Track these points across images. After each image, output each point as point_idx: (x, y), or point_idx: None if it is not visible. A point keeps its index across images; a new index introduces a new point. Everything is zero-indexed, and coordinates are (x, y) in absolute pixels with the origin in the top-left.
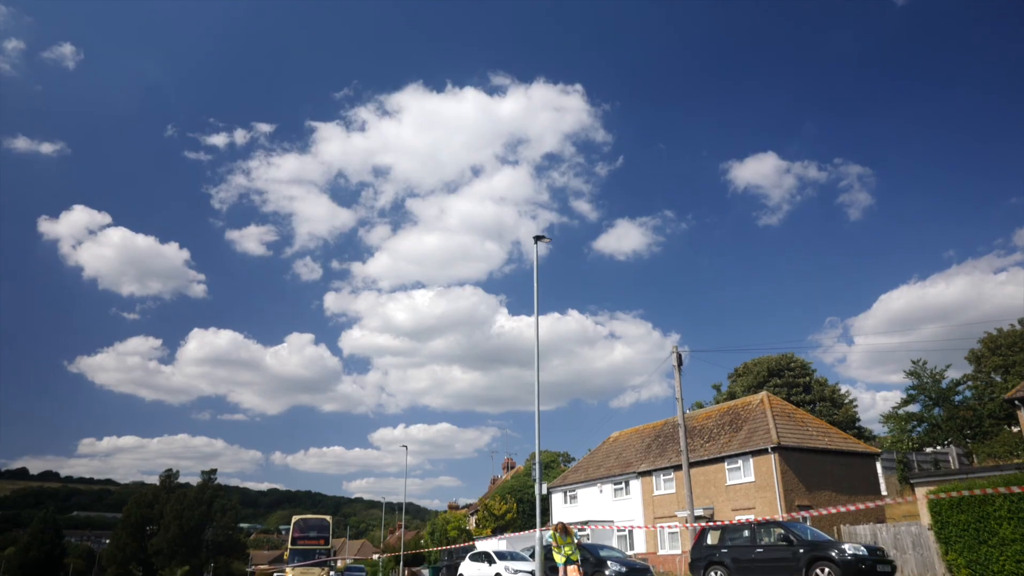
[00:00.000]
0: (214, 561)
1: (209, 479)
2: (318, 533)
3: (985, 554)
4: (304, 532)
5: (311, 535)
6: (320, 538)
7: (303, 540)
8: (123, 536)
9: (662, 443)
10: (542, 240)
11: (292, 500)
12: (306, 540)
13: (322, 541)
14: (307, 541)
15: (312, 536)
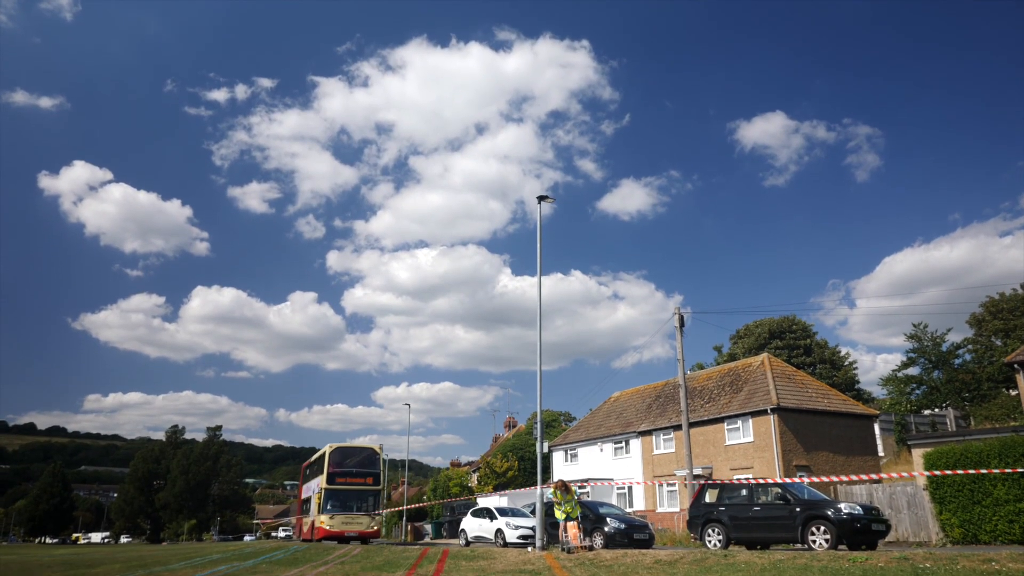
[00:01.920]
0: (220, 515)
1: (214, 435)
2: (365, 469)
3: (978, 514)
4: (344, 467)
5: (354, 471)
6: (367, 475)
7: (344, 479)
8: (131, 490)
9: (662, 403)
10: (546, 200)
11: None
12: (348, 479)
13: (370, 480)
14: (350, 480)
15: (356, 473)
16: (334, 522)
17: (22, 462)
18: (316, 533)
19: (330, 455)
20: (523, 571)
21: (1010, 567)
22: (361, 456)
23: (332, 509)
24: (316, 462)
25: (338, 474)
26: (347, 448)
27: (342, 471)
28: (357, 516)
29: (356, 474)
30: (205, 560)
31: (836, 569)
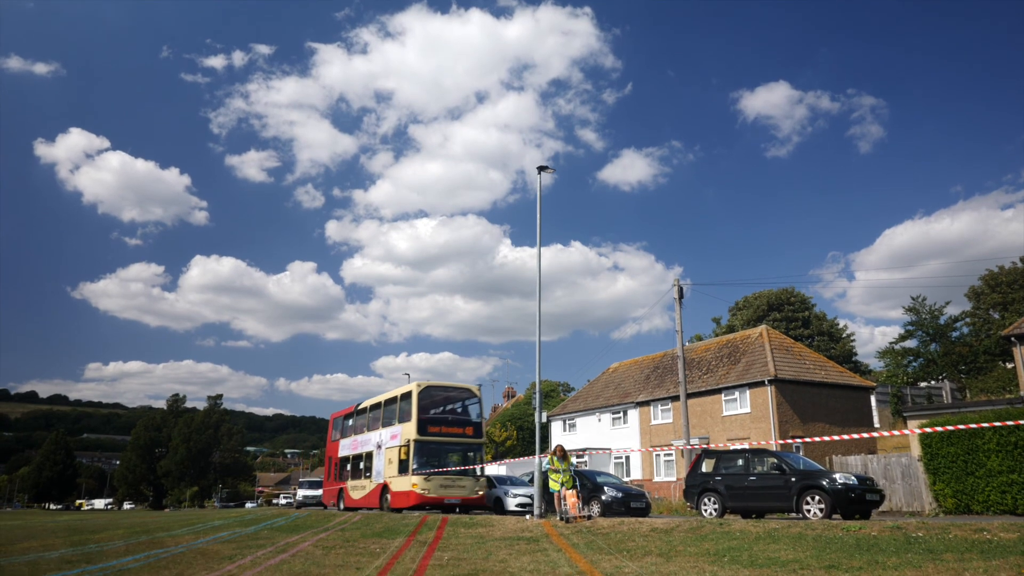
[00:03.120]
0: (222, 482)
1: (215, 404)
2: (463, 416)
3: (971, 485)
4: (437, 412)
5: (449, 418)
6: (467, 424)
7: (438, 427)
8: (133, 458)
9: (661, 374)
10: (546, 171)
11: (297, 425)
12: (444, 428)
13: (470, 431)
14: (445, 429)
15: (452, 420)
16: (430, 485)
17: (24, 430)
18: (396, 500)
19: (419, 395)
20: (521, 538)
21: (1001, 536)
22: (459, 399)
23: (425, 468)
24: (388, 406)
25: (431, 421)
26: (441, 388)
27: (436, 417)
28: (459, 478)
29: (453, 422)
30: (207, 526)
31: (830, 538)
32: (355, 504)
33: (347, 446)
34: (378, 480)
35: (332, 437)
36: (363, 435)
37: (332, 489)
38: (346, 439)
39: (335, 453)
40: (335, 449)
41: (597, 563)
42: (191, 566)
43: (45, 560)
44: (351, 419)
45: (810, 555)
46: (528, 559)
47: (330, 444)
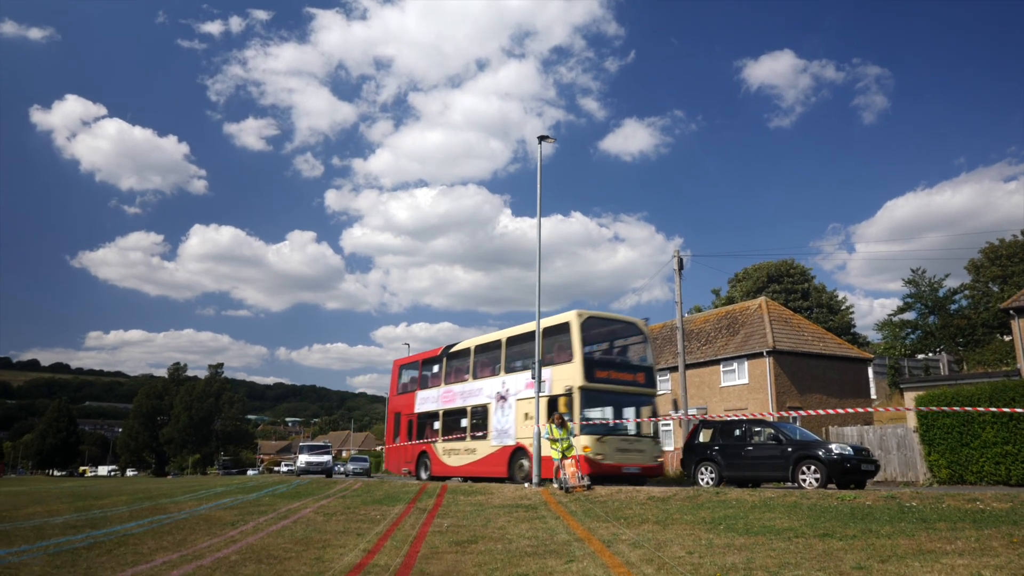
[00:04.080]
0: (224, 450)
1: (216, 373)
2: (635, 361)
3: (966, 455)
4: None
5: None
6: (639, 370)
7: (606, 372)
8: (135, 426)
9: (659, 345)
10: (546, 140)
11: (297, 394)
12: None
13: (641, 377)
14: (614, 375)
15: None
16: (606, 449)
17: (27, 397)
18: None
19: (582, 326)
20: (520, 505)
21: (994, 506)
22: (625, 335)
23: (595, 428)
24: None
25: (598, 363)
26: (604, 320)
27: (603, 359)
28: (636, 440)
29: (622, 365)
30: (210, 493)
31: (824, 507)
32: (453, 472)
33: (432, 399)
34: (504, 442)
35: (399, 388)
36: (466, 384)
37: (405, 451)
38: (429, 390)
39: (408, 408)
40: (408, 403)
41: (594, 530)
42: (194, 532)
43: (50, 525)
44: (437, 365)
45: (805, 523)
46: (526, 526)
47: (395, 398)
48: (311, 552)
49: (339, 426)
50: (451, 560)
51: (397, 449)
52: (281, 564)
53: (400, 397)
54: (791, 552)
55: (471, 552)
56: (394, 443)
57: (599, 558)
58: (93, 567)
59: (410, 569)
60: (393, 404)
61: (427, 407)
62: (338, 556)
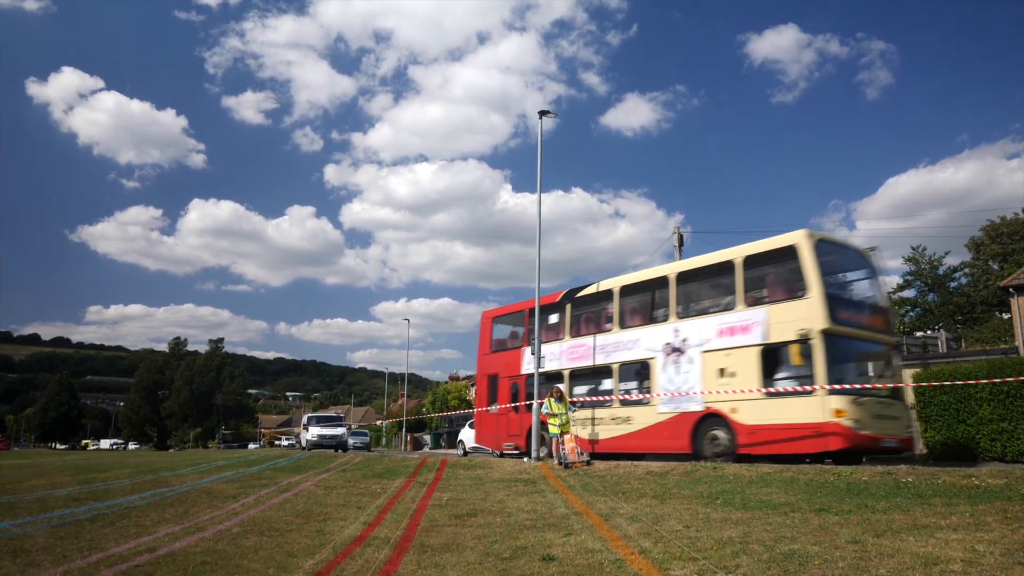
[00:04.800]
0: (225, 424)
1: (217, 347)
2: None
3: (963, 432)
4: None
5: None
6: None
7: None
8: (136, 400)
9: None
10: (547, 115)
11: (298, 369)
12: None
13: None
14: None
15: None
16: (862, 415)
17: (28, 371)
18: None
19: (816, 250)
20: (519, 479)
21: (989, 482)
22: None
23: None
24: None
25: (842, 302)
26: (839, 247)
27: (844, 298)
28: (890, 404)
29: (861, 305)
30: (211, 466)
31: (821, 482)
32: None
33: (549, 356)
34: (681, 407)
35: (493, 346)
36: (609, 336)
37: (509, 422)
38: (544, 346)
39: (508, 368)
40: (508, 363)
41: (593, 504)
42: (196, 504)
43: (53, 498)
44: (556, 314)
45: (801, 498)
46: (525, 500)
47: (487, 357)
48: (312, 525)
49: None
50: (451, 533)
51: (495, 419)
52: (283, 536)
53: (494, 356)
54: (787, 526)
55: (470, 525)
56: (488, 413)
57: (597, 531)
58: (97, 539)
59: (410, 541)
60: (484, 365)
61: (549, 365)
62: (339, 528)
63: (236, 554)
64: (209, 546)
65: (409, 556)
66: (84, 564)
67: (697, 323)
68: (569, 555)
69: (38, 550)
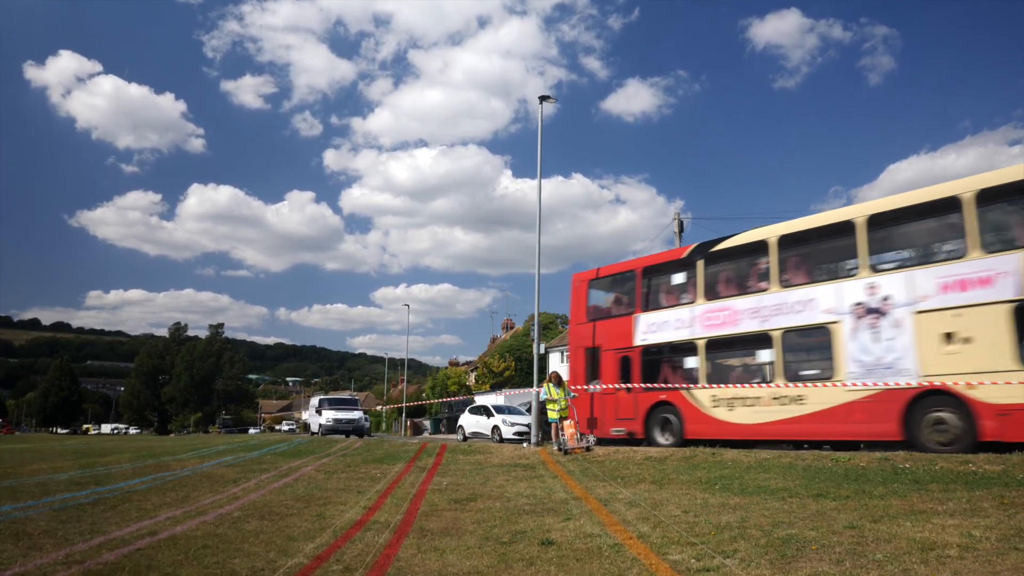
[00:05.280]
0: (225, 409)
1: (217, 332)
2: None
3: None
4: None
5: None
6: None
7: None
8: (137, 385)
9: None
10: (548, 100)
11: (298, 354)
12: None
13: None
14: None
15: None
16: None
17: (29, 356)
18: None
19: None
20: (518, 465)
21: (986, 468)
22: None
23: None
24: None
25: None
26: None
27: None
28: None
29: None
30: (212, 451)
31: (819, 468)
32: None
33: (676, 323)
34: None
35: (591, 314)
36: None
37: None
38: (666, 311)
39: (615, 340)
40: (614, 333)
41: (592, 489)
42: (197, 488)
43: (55, 482)
44: (681, 273)
45: (799, 484)
46: (525, 485)
47: (583, 327)
48: (312, 509)
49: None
50: (450, 517)
51: (598, 400)
52: (283, 520)
53: (594, 326)
54: (785, 512)
55: (470, 510)
56: (588, 392)
57: (596, 516)
58: (98, 522)
59: (410, 526)
60: (579, 336)
61: (664, 336)
62: (339, 513)
63: (237, 538)
64: (210, 530)
65: (409, 540)
66: (86, 547)
67: (904, 277)
68: (568, 539)
69: (40, 533)
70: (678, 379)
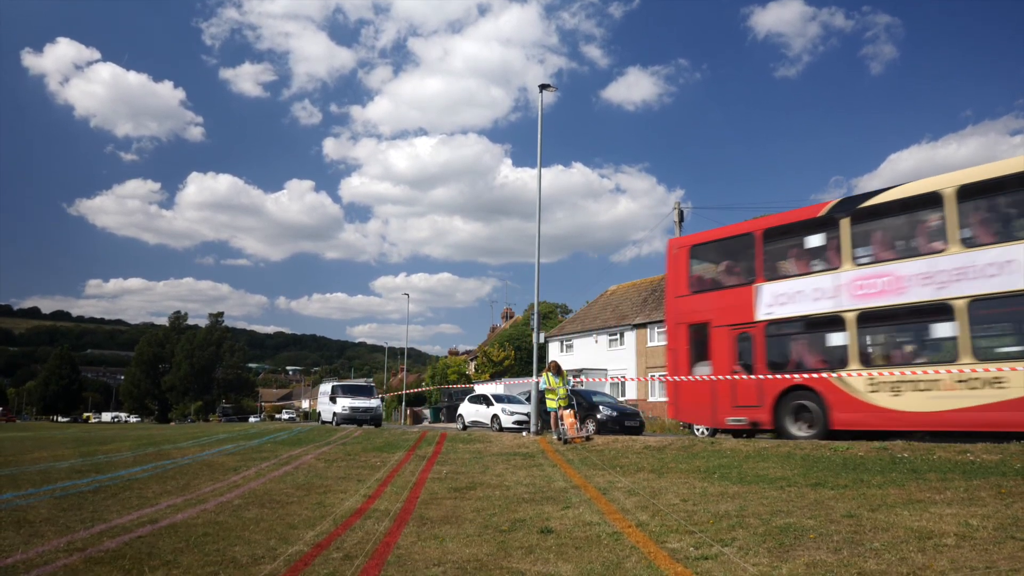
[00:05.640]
0: (225, 398)
1: (217, 321)
2: None
3: None
4: None
5: None
6: None
7: None
8: (137, 373)
9: (658, 297)
10: (548, 89)
11: (298, 343)
12: None
13: None
14: None
15: None
16: None
17: (29, 344)
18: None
19: None
20: (518, 453)
21: (984, 458)
22: None
23: None
24: None
25: None
26: None
27: None
28: None
29: None
30: (212, 439)
31: (817, 457)
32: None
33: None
34: None
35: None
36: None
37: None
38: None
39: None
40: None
41: (591, 478)
42: (197, 477)
43: (56, 470)
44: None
45: (798, 473)
46: (524, 473)
47: (685, 301)
48: (313, 497)
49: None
50: (450, 506)
51: (707, 385)
52: (284, 508)
53: (699, 299)
54: (783, 500)
55: (470, 498)
56: (694, 375)
57: (595, 505)
58: (99, 510)
59: (410, 514)
60: (679, 310)
61: (798, 308)
62: (339, 501)
63: (238, 525)
64: (211, 518)
65: (409, 528)
66: (87, 535)
67: None
68: (567, 528)
69: (41, 521)
70: (817, 358)
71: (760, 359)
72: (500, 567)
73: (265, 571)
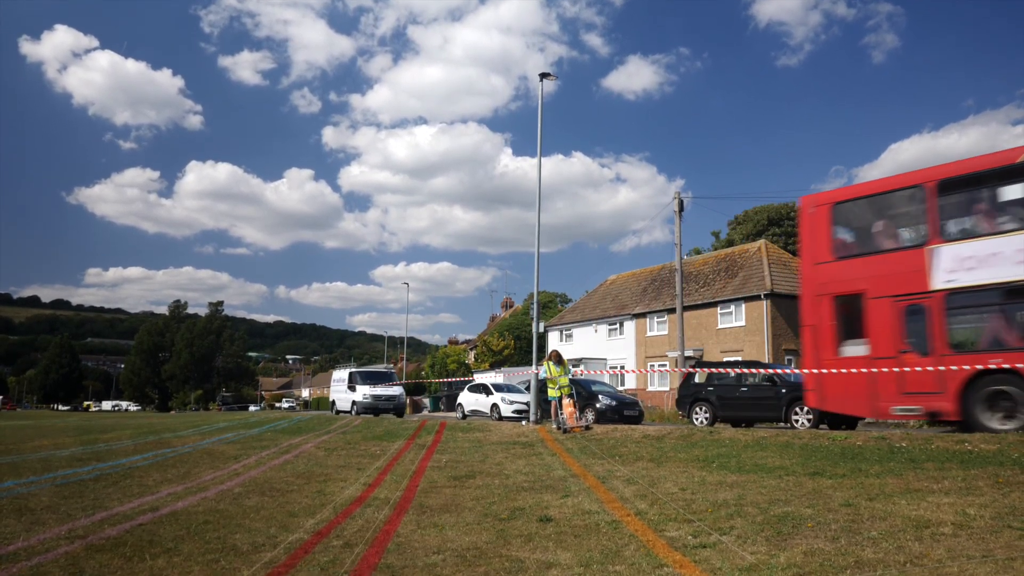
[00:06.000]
0: (225, 386)
1: (216, 310)
2: None
3: None
4: None
5: None
6: None
7: None
8: (137, 362)
9: (658, 287)
10: (548, 77)
11: (298, 332)
12: None
13: None
14: None
15: None
16: None
17: (29, 333)
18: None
19: None
20: (517, 442)
21: (982, 447)
22: None
23: None
24: None
25: None
26: None
27: None
28: None
29: None
30: (212, 428)
31: (816, 446)
32: None
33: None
34: None
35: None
36: None
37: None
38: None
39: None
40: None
41: (590, 467)
42: (198, 465)
43: (56, 458)
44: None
45: (796, 462)
46: (523, 462)
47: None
48: (313, 485)
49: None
50: (449, 494)
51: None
52: (284, 496)
53: (847, 265)
54: (781, 490)
55: (469, 486)
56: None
57: (594, 493)
58: (100, 498)
59: (409, 502)
60: (822, 280)
61: (994, 274)
62: (339, 489)
63: (238, 513)
64: (211, 506)
65: (408, 516)
66: (88, 523)
67: None
68: (566, 516)
69: (42, 509)
70: (1019, 335)
71: (939, 336)
72: (499, 555)
73: (265, 559)
